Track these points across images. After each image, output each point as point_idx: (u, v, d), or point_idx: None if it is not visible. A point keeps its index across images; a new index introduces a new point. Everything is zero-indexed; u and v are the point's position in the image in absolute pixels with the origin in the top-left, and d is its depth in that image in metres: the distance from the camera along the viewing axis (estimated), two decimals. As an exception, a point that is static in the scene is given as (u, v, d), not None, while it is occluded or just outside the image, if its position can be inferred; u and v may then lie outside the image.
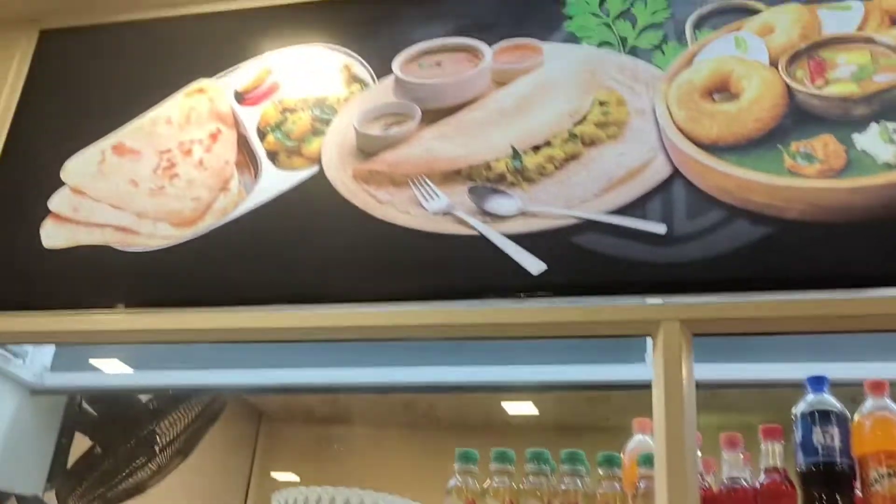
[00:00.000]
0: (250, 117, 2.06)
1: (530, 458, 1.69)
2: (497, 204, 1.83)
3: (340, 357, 2.67)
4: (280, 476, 3.86)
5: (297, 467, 3.79)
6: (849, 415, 1.58)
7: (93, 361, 2.78)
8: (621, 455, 1.76)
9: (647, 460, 1.64)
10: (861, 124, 1.70)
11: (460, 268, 1.79)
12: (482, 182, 1.84)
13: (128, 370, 2.77)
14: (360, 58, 2.05)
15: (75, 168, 2.12)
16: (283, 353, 2.54)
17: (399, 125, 1.95)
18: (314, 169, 1.95)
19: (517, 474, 1.71)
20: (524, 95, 1.93)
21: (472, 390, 2.86)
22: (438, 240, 1.81)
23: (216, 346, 2.16)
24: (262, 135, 2.03)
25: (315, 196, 1.91)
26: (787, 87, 1.77)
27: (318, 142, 1.98)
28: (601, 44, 1.92)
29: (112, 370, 2.77)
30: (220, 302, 1.86)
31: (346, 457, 3.67)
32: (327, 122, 2.00)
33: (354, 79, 2.04)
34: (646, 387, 1.63)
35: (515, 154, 1.86)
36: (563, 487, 1.69)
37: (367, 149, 1.94)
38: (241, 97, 2.10)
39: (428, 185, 1.87)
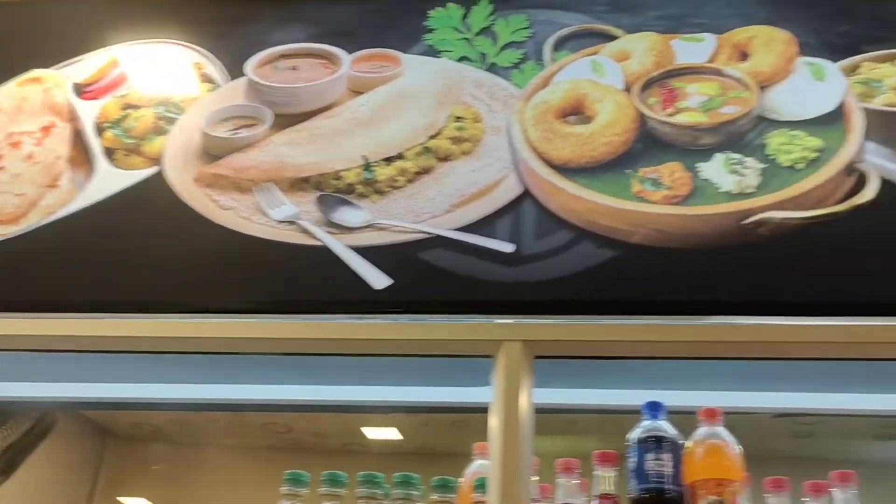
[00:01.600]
0: (88, 111, 1.95)
1: (361, 482, 1.63)
2: (345, 215, 1.78)
3: (193, 372, 2.56)
4: (129, 501, 3.65)
5: (147, 491, 3.60)
6: (683, 442, 1.60)
7: None
8: (459, 480, 1.73)
9: (483, 485, 1.61)
10: (706, 153, 1.75)
11: (302, 280, 1.73)
12: (331, 192, 1.80)
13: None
14: (213, 57, 1.99)
15: None
16: (125, 365, 2.41)
17: (248, 128, 1.89)
18: (153, 169, 1.86)
19: (348, 498, 1.66)
20: (380, 105, 1.90)
21: (331, 410, 2.78)
22: (281, 249, 1.75)
23: (46, 355, 2.03)
24: (99, 130, 1.93)
25: (152, 198, 1.82)
26: (640, 113, 1.80)
27: (160, 141, 1.89)
28: (461, 59, 1.92)
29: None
30: (39, 307, 1.73)
31: (200, 479, 3.51)
32: (172, 122, 1.92)
33: (205, 78, 1.96)
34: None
35: (367, 165, 1.82)
36: (394, 511, 1.64)
37: (213, 151, 1.87)
38: (80, 89, 1.99)
39: (274, 192, 1.81)
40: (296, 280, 1.73)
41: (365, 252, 1.72)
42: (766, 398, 1.96)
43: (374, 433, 3.54)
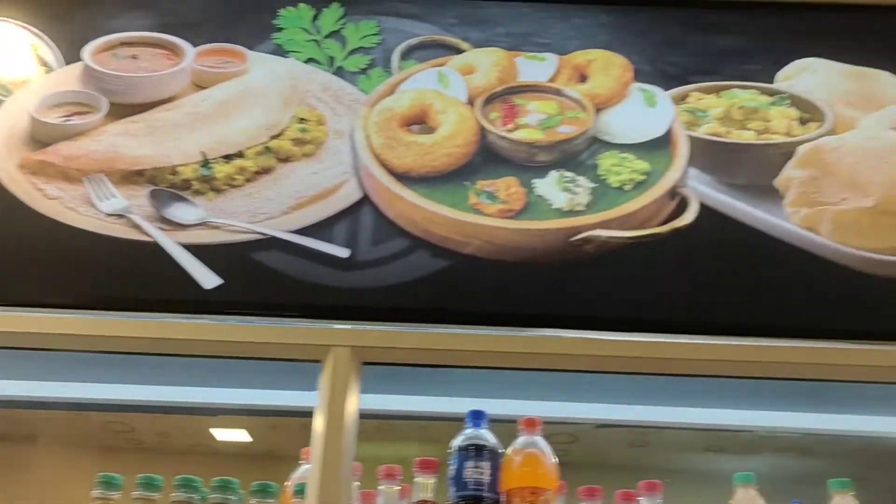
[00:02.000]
0: None
1: (176, 485, 1.59)
2: (178, 211, 1.74)
3: (28, 368, 2.44)
4: (-44, 501, 3.45)
5: (-22, 490, 3.42)
6: (503, 451, 1.64)
7: None
8: (285, 484, 1.72)
9: (303, 490, 1.60)
10: (542, 170, 1.80)
11: (129, 276, 1.68)
12: (166, 187, 1.76)
13: None
14: (49, 40, 1.90)
15: None
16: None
17: (81, 116, 1.82)
18: (-27, 153, 1.78)
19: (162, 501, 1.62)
20: (222, 101, 1.87)
21: (174, 411, 2.71)
22: (108, 243, 1.70)
23: None
24: (-82, 109, 1.83)
25: (-31, 183, 1.74)
26: (481, 126, 1.83)
27: (-18, 123, 1.81)
28: (308, 60, 1.91)
29: None
30: None
31: (36, 480, 3.36)
32: (-1, 103, 1.85)
33: (40, 61, 1.88)
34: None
35: (205, 161, 1.79)
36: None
37: (41, 137, 1.79)
38: None
39: (105, 183, 1.75)
40: (122, 276, 1.68)
41: (196, 250, 1.69)
42: (592, 409, 2.04)
43: (222, 434, 3.47)
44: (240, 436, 3.40)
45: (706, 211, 1.76)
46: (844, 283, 1.69)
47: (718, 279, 1.70)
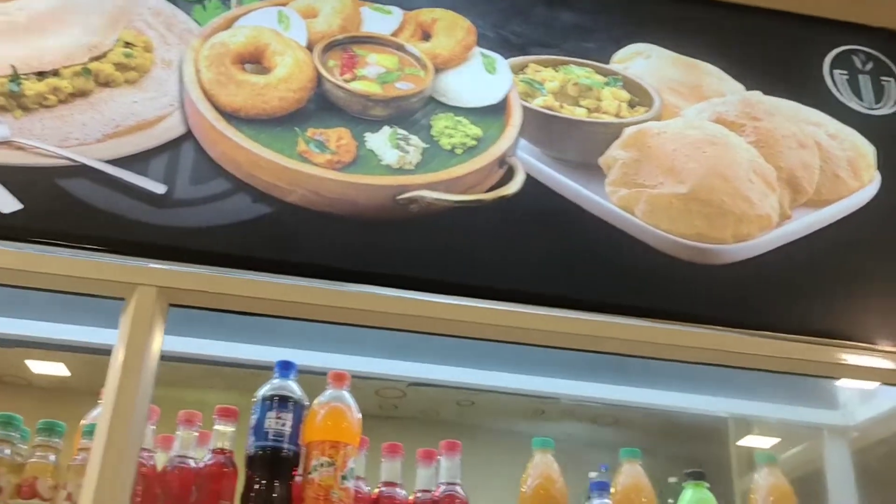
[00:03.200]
0: None
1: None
2: (-21, 127, 1.64)
3: None
4: None
5: None
6: (308, 403, 1.64)
7: None
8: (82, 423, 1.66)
9: (92, 431, 1.56)
10: (375, 125, 1.80)
11: (-84, 191, 1.58)
12: (-33, 99, 1.65)
13: None
14: None
15: None
16: None
17: None
18: None
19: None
20: (41, 13, 1.76)
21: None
22: None
23: None
24: None
25: None
26: (318, 73, 1.81)
27: None
28: None
29: None
30: None
31: None
32: None
33: None
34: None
35: (15, 76, 1.68)
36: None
37: None
38: None
39: None
40: None
41: (-4, 171, 1.59)
42: (410, 367, 2.09)
43: (38, 367, 3.30)
44: (58, 369, 3.25)
45: (531, 182, 1.81)
46: (651, 262, 1.79)
47: (535, 250, 1.75)
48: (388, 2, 1.93)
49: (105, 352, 2.49)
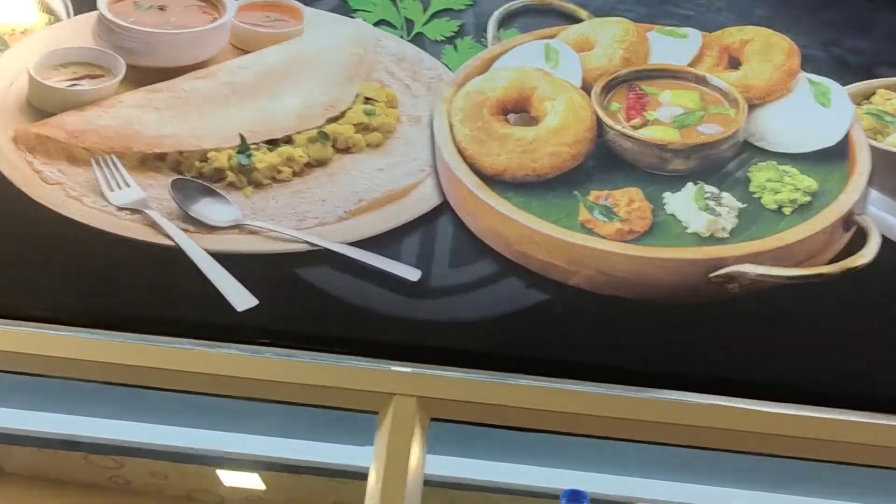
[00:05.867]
0: None
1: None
2: (207, 208, 1.47)
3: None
4: None
5: None
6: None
7: None
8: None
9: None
10: (676, 182, 1.49)
11: (140, 287, 1.41)
12: (193, 176, 1.49)
13: None
14: (59, -19, 1.66)
15: None
16: None
17: (92, 80, 1.56)
18: (-43, 120, 1.53)
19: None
20: (269, 71, 1.60)
21: (168, 458, 2.41)
22: (117, 245, 1.43)
23: None
24: None
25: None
26: (598, 119, 1.53)
27: (-30, 83, 1.56)
28: (380, 22, 1.64)
29: None
30: None
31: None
32: (-8, 59, 1.59)
33: (44, 7, 1.62)
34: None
35: (244, 146, 1.51)
36: None
37: (41, 104, 1.53)
38: None
39: (117, 168, 1.49)
40: (132, 287, 1.41)
41: (227, 260, 1.41)
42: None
43: (230, 479, 3.20)
44: (251, 481, 3.11)
45: (890, 247, 1.45)
46: None
47: (906, 342, 1.40)
48: (682, 23, 1.64)
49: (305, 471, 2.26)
